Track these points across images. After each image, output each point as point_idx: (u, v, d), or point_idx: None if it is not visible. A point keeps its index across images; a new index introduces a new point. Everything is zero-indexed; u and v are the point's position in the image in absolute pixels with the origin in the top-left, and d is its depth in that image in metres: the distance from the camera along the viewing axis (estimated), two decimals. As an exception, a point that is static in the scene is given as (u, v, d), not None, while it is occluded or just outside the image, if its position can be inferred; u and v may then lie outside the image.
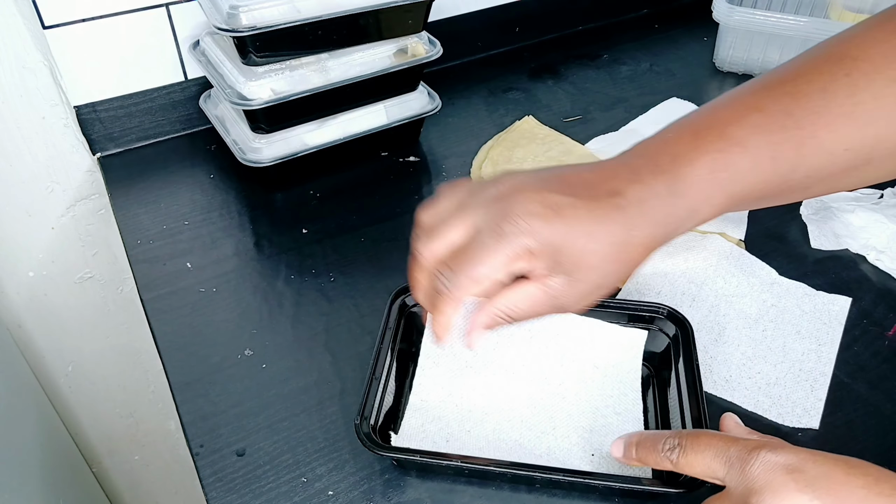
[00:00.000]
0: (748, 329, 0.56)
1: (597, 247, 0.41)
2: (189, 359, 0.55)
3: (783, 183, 0.43)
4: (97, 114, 0.74)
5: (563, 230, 0.41)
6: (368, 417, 0.46)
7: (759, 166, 0.42)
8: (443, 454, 0.46)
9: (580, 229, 0.41)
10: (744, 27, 0.84)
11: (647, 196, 0.42)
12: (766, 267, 0.61)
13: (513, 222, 0.41)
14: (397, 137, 0.76)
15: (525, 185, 0.42)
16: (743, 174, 0.42)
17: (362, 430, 0.45)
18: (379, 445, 0.45)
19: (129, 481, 1.09)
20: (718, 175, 0.42)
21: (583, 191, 0.42)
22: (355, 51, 0.68)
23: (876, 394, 0.53)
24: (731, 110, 0.44)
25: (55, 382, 0.92)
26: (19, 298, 0.83)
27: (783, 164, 0.43)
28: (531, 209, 0.41)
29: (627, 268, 0.43)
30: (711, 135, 0.43)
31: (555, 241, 0.41)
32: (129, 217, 0.69)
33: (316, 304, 0.60)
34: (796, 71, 0.44)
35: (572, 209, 0.41)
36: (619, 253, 0.42)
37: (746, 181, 0.43)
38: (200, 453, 0.49)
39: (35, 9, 0.66)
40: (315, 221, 0.68)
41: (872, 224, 0.63)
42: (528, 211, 0.41)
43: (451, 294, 0.42)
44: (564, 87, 0.87)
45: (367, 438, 0.45)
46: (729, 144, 0.42)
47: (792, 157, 0.43)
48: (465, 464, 0.44)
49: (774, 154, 0.42)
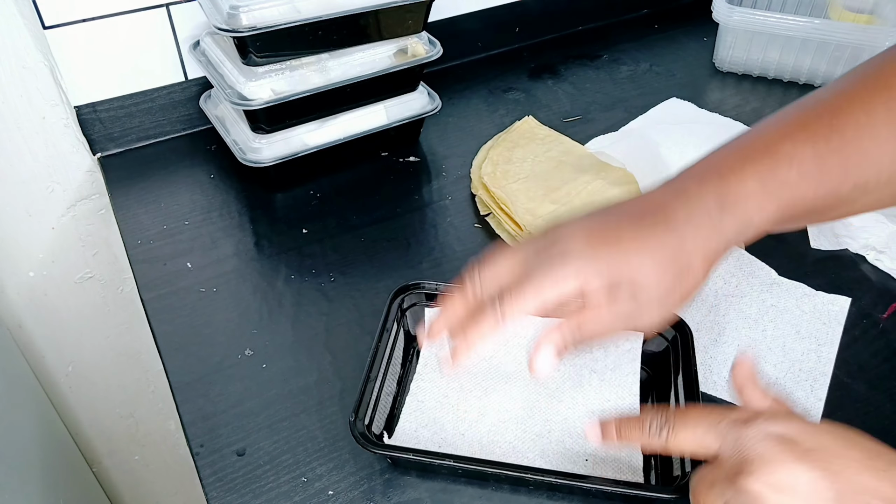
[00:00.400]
0: (748, 329, 0.57)
1: (650, 261, 0.41)
2: (189, 359, 0.55)
3: (832, 195, 0.43)
4: (97, 114, 0.74)
5: (614, 254, 0.41)
6: (363, 417, 0.46)
7: (807, 179, 0.42)
8: (436, 453, 0.46)
9: (631, 248, 0.41)
10: (743, 27, 0.84)
11: (696, 212, 0.42)
12: (766, 267, 0.61)
13: (560, 247, 0.41)
14: (397, 137, 0.76)
15: (572, 226, 0.43)
16: (792, 186, 0.42)
17: (356, 429, 0.45)
18: (373, 443, 0.45)
19: (129, 481, 1.09)
20: (768, 185, 0.42)
21: (629, 219, 0.42)
22: (355, 51, 0.68)
23: (876, 394, 0.53)
24: (775, 129, 0.44)
25: (55, 382, 0.92)
26: (19, 298, 0.83)
27: (831, 176, 0.42)
28: (576, 239, 0.42)
29: (688, 280, 0.42)
30: (757, 152, 0.43)
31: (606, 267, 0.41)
32: (129, 217, 0.69)
33: (316, 304, 0.60)
34: (834, 94, 0.45)
35: (617, 234, 0.41)
36: (672, 264, 0.41)
37: (796, 192, 0.42)
38: (200, 453, 0.49)
39: (35, 9, 0.66)
40: (315, 221, 0.68)
41: (872, 224, 0.63)
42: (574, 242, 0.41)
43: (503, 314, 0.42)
44: (564, 87, 0.87)
45: (361, 437, 0.45)
46: (776, 159, 0.42)
47: (839, 170, 0.42)
48: (457, 464, 0.44)
49: (821, 167, 0.42)
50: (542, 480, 0.44)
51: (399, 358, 0.53)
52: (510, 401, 0.50)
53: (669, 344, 0.52)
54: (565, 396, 0.51)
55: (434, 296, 0.54)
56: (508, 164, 0.72)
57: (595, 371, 0.52)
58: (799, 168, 0.42)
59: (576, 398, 0.50)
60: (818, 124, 0.43)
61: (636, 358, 0.52)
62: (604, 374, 0.52)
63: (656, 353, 0.52)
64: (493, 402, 0.50)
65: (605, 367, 0.52)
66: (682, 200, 0.42)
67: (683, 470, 0.44)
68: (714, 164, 0.44)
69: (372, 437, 0.46)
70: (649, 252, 0.41)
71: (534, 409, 0.50)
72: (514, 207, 0.66)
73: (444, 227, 0.67)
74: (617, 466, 0.47)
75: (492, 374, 0.52)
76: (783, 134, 0.43)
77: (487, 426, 0.49)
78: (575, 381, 0.51)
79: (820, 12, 0.88)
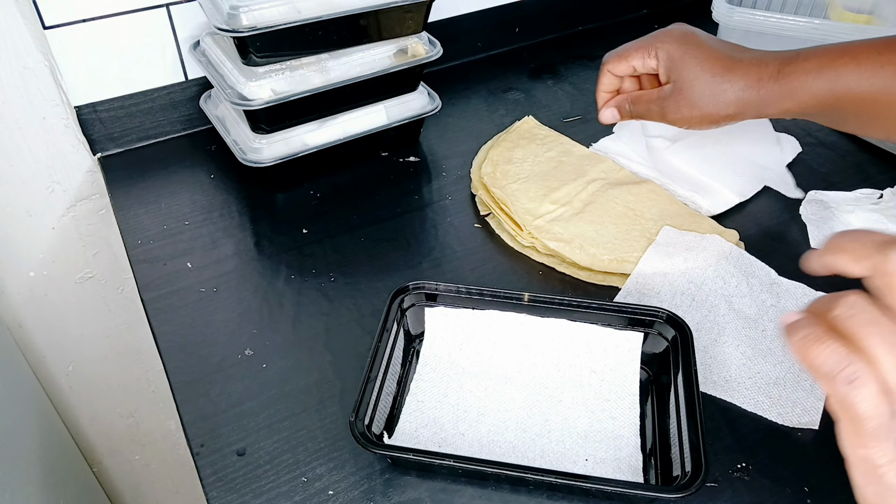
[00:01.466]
0: (747, 329, 0.57)
1: (696, 73, 0.55)
2: (189, 359, 0.55)
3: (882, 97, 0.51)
4: (98, 114, 0.74)
5: (682, 51, 0.56)
6: (363, 416, 0.46)
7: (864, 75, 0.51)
8: (436, 453, 0.46)
9: (693, 57, 0.55)
10: (744, 27, 0.84)
11: (756, 64, 0.54)
12: (766, 267, 0.61)
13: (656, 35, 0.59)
14: (397, 137, 0.76)
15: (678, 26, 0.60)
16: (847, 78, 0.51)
17: (356, 429, 0.45)
18: (373, 443, 0.45)
19: (130, 481, 1.09)
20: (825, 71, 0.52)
21: (716, 43, 0.57)
22: (355, 51, 0.69)
23: (875, 394, 0.52)
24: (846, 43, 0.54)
25: (56, 382, 0.92)
26: (20, 298, 0.84)
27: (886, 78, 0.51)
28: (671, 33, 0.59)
29: (718, 107, 0.55)
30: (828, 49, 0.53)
31: (673, 55, 0.57)
32: (129, 217, 0.69)
33: (316, 304, 0.60)
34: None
35: (697, 45, 0.56)
36: (713, 88, 0.55)
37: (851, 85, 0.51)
38: (201, 453, 0.49)
39: (35, 9, 0.66)
40: (315, 221, 0.68)
41: (872, 224, 0.63)
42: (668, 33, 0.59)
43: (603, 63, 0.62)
44: (564, 87, 0.87)
45: (361, 437, 0.45)
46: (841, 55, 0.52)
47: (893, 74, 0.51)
48: (457, 463, 0.44)
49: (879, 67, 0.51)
50: (543, 480, 0.44)
51: (399, 358, 0.53)
52: (510, 401, 0.50)
53: (669, 344, 0.52)
54: (565, 396, 0.51)
55: (434, 296, 0.54)
56: (508, 165, 0.72)
57: (595, 371, 0.52)
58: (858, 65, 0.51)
59: (576, 398, 0.51)
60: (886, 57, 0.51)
61: (636, 358, 0.52)
62: (604, 374, 0.52)
63: (656, 353, 0.52)
64: (493, 401, 0.50)
65: (605, 367, 0.52)
66: (754, 58, 0.55)
67: (683, 470, 0.44)
68: (791, 52, 0.54)
69: (372, 437, 0.46)
70: (702, 68, 0.55)
71: (534, 409, 0.50)
72: (514, 207, 0.66)
73: (444, 227, 0.67)
74: (617, 466, 0.47)
75: (492, 374, 0.52)
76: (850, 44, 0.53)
77: (487, 426, 0.49)
78: (575, 381, 0.51)
79: (820, 12, 0.88)
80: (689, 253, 0.62)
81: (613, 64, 0.60)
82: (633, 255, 0.62)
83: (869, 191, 0.67)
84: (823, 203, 0.67)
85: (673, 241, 0.63)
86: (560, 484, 0.45)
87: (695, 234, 0.64)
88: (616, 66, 0.60)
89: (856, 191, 0.68)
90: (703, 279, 0.60)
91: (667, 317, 0.52)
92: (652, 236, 0.64)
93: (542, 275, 0.62)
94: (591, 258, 0.61)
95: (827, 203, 0.66)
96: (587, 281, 0.61)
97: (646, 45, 0.58)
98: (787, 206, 0.69)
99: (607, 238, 0.63)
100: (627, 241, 0.63)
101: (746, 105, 0.55)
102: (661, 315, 0.52)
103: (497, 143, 0.76)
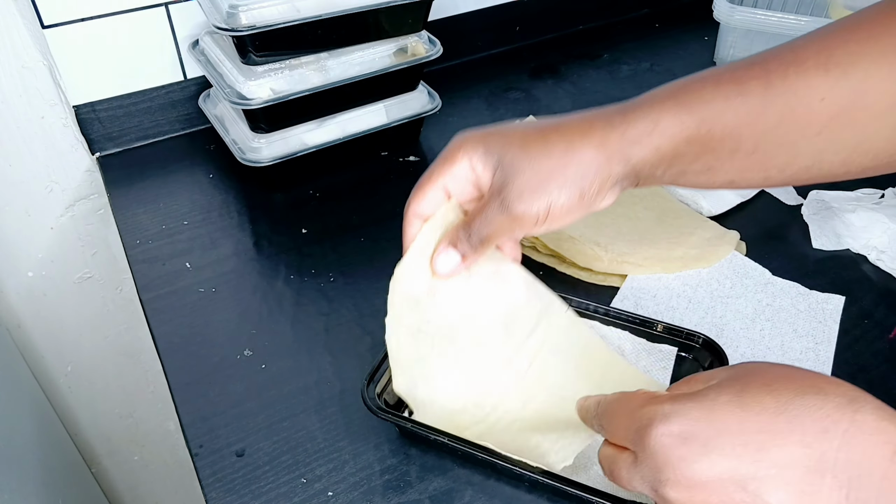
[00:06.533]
0: (746, 329, 0.56)
1: (530, 152, 0.42)
2: (188, 359, 0.55)
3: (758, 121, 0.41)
4: (96, 113, 0.74)
5: (497, 136, 0.43)
6: (376, 383, 0.47)
7: (726, 94, 0.41)
8: (441, 431, 0.46)
9: (513, 134, 0.43)
10: (744, 27, 0.84)
11: (595, 125, 0.42)
12: (759, 267, 0.61)
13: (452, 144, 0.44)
14: (397, 137, 0.76)
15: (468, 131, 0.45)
16: (708, 99, 0.41)
17: (368, 394, 0.46)
18: (382, 409, 0.46)
19: (129, 481, 1.09)
20: (680, 99, 0.42)
21: (542, 124, 0.44)
22: (355, 50, 0.68)
23: (876, 394, 0.52)
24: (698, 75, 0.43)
25: (54, 382, 0.92)
26: (18, 298, 0.83)
27: (752, 98, 0.41)
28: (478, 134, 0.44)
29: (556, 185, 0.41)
30: (677, 84, 0.43)
31: (487, 141, 0.43)
32: (128, 217, 0.68)
33: (316, 304, 0.59)
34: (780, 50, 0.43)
35: (504, 128, 0.43)
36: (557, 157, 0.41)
37: (714, 107, 0.41)
38: (200, 454, 0.49)
39: (34, 8, 0.66)
40: (315, 221, 0.68)
41: (873, 224, 0.63)
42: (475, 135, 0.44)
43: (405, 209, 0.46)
44: (565, 86, 0.87)
45: (371, 402, 0.46)
46: (696, 83, 0.42)
47: (761, 92, 0.41)
48: (463, 446, 0.44)
49: (742, 87, 0.41)
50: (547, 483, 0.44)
51: None
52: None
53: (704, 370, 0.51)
54: None
55: None
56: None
57: None
58: (717, 86, 0.41)
59: None
60: (745, 63, 0.42)
61: (667, 378, 0.52)
62: None
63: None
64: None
65: None
66: (589, 120, 0.43)
67: None
68: (629, 103, 0.44)
69: (382, 405, 0.47)
70: (534, 145, 0.42)
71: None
72: (515, 207, 0.66)
73: (444, 227, 0.67)
74: None
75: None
76: (705, 73, 0.43)
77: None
78: None
79: (821, 12, 0.88)
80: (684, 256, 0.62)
81: (417, 202, 0.45)
82: (632, 255, 0.62)
83: (870, 190, 0.67)
84: (824, 202, 0.67)
85: (669, 243, 0.63)
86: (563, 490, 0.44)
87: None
88: (420, 203, 0.45)
89: (857, 190, 0.68)
90: (698, 281, 0.60)
91: (703, 342, 0.51)
92: (653, 237, 0.63)
93: (542, 275, 0.62)
94: (591, 258, 0.61)
95: (828, 202, 0.66)
96: (587, 281, 0.61)
97: (448, 160, 0.44)
98: (788, 206, 0.69)
99: (607, 239, 0.63)
100: (627, 242, 0.63)
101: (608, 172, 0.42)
102: (698, 340, 0.51)
103: (497, 143, 0.76)
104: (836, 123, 0.42)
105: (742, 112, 0.41)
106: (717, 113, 0.41)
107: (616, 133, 0.42)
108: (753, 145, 0.42)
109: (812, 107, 0.41)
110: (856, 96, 0.41)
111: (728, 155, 0.42)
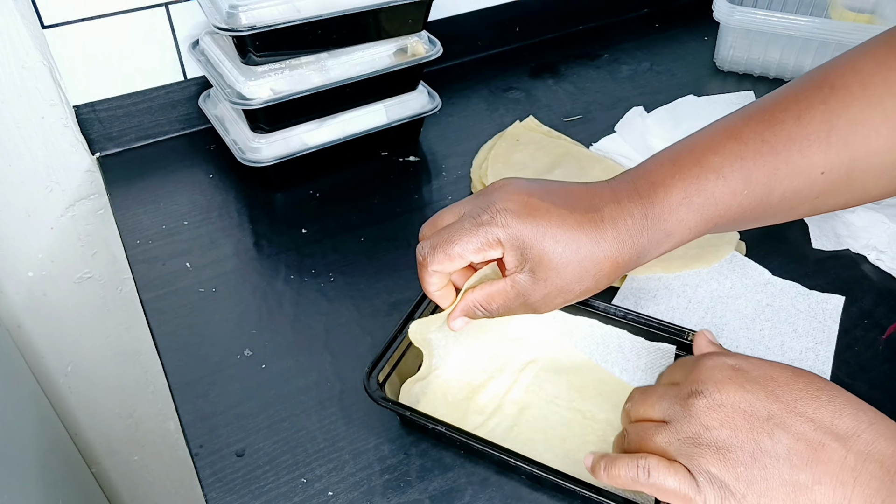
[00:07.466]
0: (745, 330, 0.56)
1: (561, 250, 0.43)
2: (188, 359, 0.55)
3: (760, 205, 0.46)
4: (96, 113, 0.74)
5: (532, 229, 0.43)
6: (378, 373, 0.48)
7: (733, 190, 0.45)
8: (441, 421, 0.46)
9: (548, 232, 0.43)
10: (745, 27, 0.84)
11: (621, 216, 0.45)
12: (759, 267, 0.61)
13: (490, 213, 0.44)
14: (397, 137, 0.76)
15: (512, 185, 0.46)
16: (717, 198, 0.45)
17: (370, 383, 0.47)
18: (384, 398, 0.46)
19: (129, 482, 1.09)
20: (693, 200, 0.45)
21: (563, 201, 0.45)
22: (355, 50, 0.68)
23: (876, 394, 0.52)
24: (709, 139, 0.47)
25: (54, 383, 0.92)
26: (18, 298, 0.83)
27: (758, 187, 0.45)
28: (508, 206, 0.44)
29: (593, 279, 0.45)
30: (689, 162, 0.46)
31: (522, 237, 0.43)
32: (128, 217, 0.68)
33: (316, 304, 0.59)
34: (775, 100, 0.47)
35: (546, 213, 0.44)
36: (582, 261, 0.44)
37: (721, 204, 0.45)
38: (200, 454, 0.49)
39: (34, 8, 0.66)
40: (315, 221, 0.68)
41: (874, 224, 0.63)
42: (506, 207, 0.44)
43: (424, 263, 0.46)
44: (565, 86, 0.87)
45: (373, 391, 0.47)
46: (704, 171, 0.45)
47: (766, 181, 0.45)
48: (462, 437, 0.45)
49: (748, 178, 0.45)
50: (553, 481, 0.44)
51: None
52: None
53: None
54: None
55: None
56: (508, 165, 0.72)
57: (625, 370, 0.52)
58: (726, 181, 0.45)
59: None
60: (751, 135, 0.45)
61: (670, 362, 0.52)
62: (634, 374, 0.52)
63: None
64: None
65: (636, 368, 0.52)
66: (614, 204, 0.45)
67: None
68: (650, 171, 0.47)
69: (383, 393, 0.47)
70: (562, 244, 0.43)
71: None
72: (515, 207, 0.66)
73: (444, 227, 0.67)
74: None
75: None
76: (716, 144, 0.46)
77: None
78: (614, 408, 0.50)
79: (821, 12, 0.88)
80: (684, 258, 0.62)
81: (442, 264, 0.45)
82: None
83: (870, 190, 0.67)
84: (824, 203, 0.67)
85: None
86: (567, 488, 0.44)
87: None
88: (445, 266, 0.45)
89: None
90: (698, 281, 0.60)
91: None
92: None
93: (542, 275, 0.62)
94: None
95: (828, 203, 0.66)
96: (588, 281, 0.61)
97: (481, 234, 0.44)
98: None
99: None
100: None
101: (624, 267, 0.46)
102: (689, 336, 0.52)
103: (497, 143, 0.76)
104: (836, 187, 0.46)
105: (746, 203, 0.46)
106: (724, 209, 0.46)
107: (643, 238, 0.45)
108: (755, 220, 0.48)
109: (813, 179, 0.45)
110: (855, 163, 0.45)
111: (731, 228, 0.48)
